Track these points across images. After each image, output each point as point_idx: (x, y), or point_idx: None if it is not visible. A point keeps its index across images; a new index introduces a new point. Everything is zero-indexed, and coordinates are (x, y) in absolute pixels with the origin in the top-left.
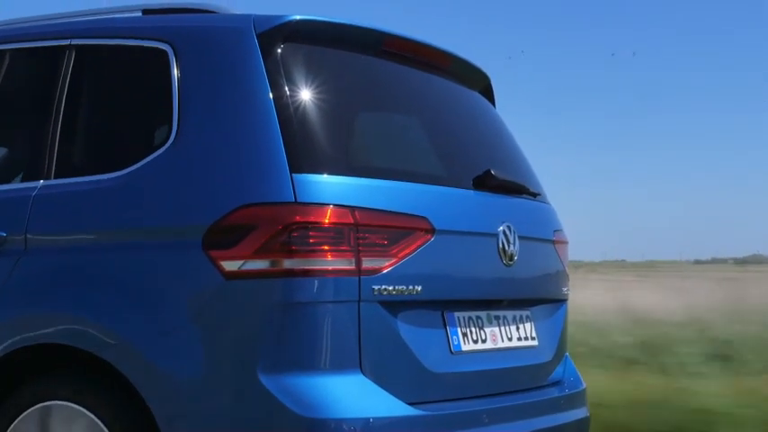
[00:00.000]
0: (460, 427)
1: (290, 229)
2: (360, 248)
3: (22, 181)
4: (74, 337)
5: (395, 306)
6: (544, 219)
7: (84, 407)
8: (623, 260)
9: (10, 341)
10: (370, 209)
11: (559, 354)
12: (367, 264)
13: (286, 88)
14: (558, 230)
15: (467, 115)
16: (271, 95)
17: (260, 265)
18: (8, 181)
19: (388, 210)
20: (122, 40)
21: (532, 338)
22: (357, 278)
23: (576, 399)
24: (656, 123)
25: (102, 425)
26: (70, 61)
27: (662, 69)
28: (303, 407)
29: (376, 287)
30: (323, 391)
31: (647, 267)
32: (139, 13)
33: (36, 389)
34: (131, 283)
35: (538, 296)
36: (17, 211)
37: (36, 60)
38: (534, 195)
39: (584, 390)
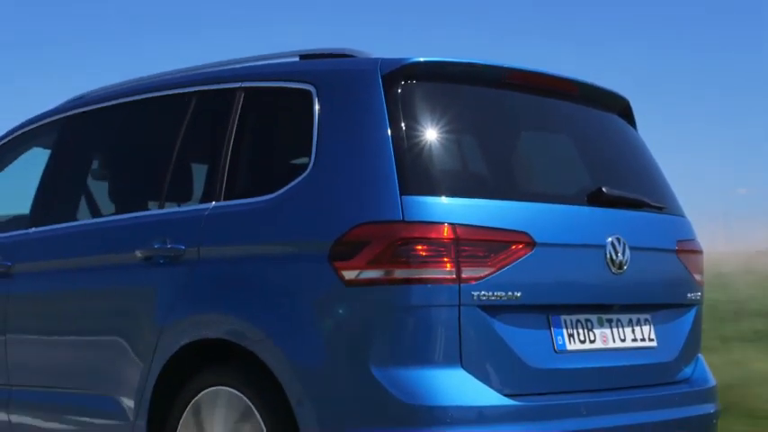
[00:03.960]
0: (556, 417)
1: (397, 243)
2: (460, 260)
3: (200, 203)
4: (231, 333)
5: (495, 309)
6: (665, 230)
7: (239, 391)
8: None
9: (188, 335)
10: (471, 225)
11: (686, 354)
12: (466, 273)
13: (402, 122)
14: (684, 240)
15: (594, 136)
16: (389, 128)
17: (373, 274)
18: (191, 202)
19: (488, 225)
20: (281, 82)
21: (650, 340)
22: (457, 285)
23: (702, 395)
24: None
25: (252, 406)
26: (240, 101)
27: None
28: (407, 395)
29: (475, 293)
30: (425, 383)
31: None
32: (297, 58)
33: (206, 376)
34: (273, 287)
35: (656, 301)
36: (194, 228)
37: (215, 101)
38: (659, 209)
39: (713, 387)
